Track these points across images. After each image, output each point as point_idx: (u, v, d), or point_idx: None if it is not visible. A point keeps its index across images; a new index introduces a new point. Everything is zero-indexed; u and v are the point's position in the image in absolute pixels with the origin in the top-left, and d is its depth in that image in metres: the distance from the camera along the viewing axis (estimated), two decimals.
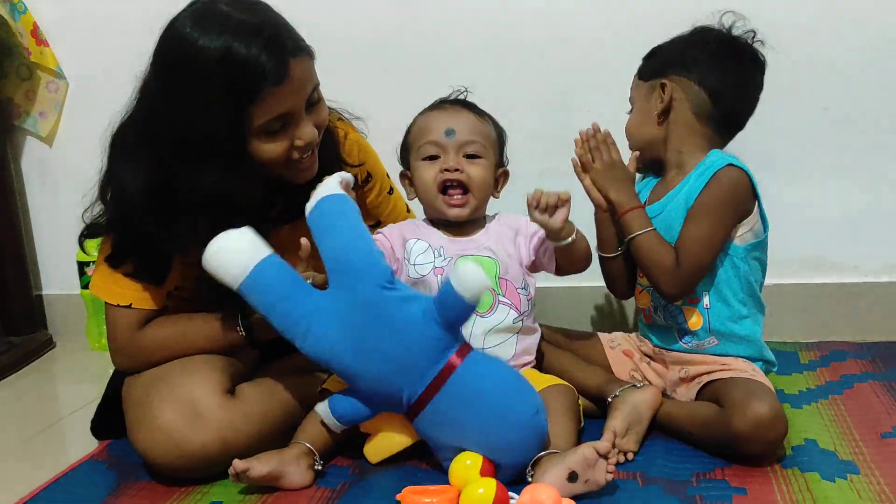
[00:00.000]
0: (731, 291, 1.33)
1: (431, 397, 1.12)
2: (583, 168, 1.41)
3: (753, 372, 1.30)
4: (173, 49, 1.14)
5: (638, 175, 1.43)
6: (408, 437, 1.22)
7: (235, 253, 1.15)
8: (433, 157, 1.31)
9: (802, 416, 1.35)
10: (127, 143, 1.22)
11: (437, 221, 1.36)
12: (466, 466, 1.11)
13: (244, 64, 1.10)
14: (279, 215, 1.31)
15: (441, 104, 1.36)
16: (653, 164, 1.44)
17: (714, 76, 1.34)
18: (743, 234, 1.33)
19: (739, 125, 1.40)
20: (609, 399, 1.31)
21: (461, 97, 1.39)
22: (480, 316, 1.27)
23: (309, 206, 1.18)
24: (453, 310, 1.10)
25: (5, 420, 1.62)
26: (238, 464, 1.17)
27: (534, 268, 1.35)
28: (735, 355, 1.34)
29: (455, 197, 1.31)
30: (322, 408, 1.22)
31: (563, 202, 1.21)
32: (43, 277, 2.09)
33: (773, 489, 1.13)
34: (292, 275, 1.17)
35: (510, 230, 1.34)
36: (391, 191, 1.50)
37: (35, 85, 1.94)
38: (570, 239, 1.25)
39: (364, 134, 1.44)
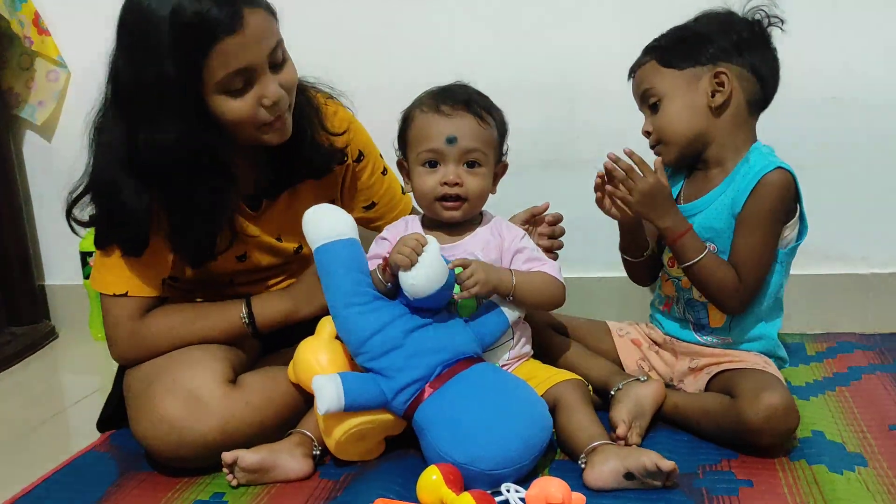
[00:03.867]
0: (760, 295, 1.30)
1: (456, 374, 1.18)
2: (616, 203, 1.28)
3: (766, 365, 1.28)
4: (129, 16, 1.15)
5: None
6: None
7: (342, 216, 1.26)
8: (433, 163, 1.29)
9: (810, 408, 1.34)
10: (103, 123, 1.23)
11: (429, 220, 1.35)
12: (433, 482, 1.07)
13: (195, 16, 1.10)
14: (272, 184, 1.32)
15: (441, 104, 1.29)
16: (687, 161, 1.34)
17: (761, 59, 1.28)
18: (786, 238, 1.29)
19: (766, 107, 1.34)
20: (612, 392, 1.30)
21: (462, 90, 1.33)
22: (468, 320, 1.28)
23: (427, 288, 1.18)
24: (491, 325, 1.27)
25: (8, 410, 1.62)
26: (226, 456, 1.17)
27: None
28: (748, 350, 1.33)
29: (450, 202, 1.29)
30: (328, 382, 1.17)
31: (471, 290, 1.21)
32: (46, 268, 2.09)
33: (780, 481, 1.12)
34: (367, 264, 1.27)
35: (499, 239, 1.32)
36: (385, 171, 1.49)
37: (35, 74, 1.93)
38: (509, 296, 1.26)
39: (351, 107, 1.42)
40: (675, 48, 1.30)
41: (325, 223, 1.25)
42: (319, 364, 1.24)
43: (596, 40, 1.71)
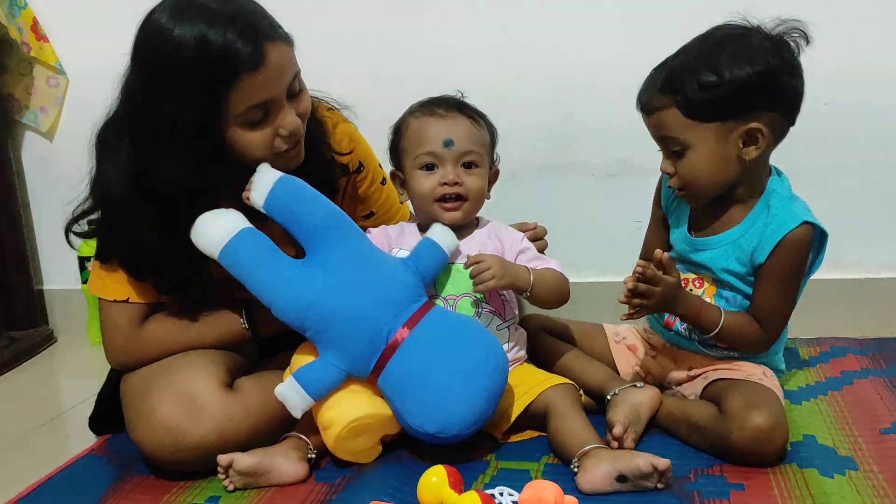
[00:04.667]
0: None
1: (405, 336, 1.19)
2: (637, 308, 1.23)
3: (763, 376, 1.28)
4: (150, 40, 1.14)
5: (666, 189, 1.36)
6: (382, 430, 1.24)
7: (222, 215, 1.21)
8: (430, 167, 1.30)
9: (802, 413, 1.35)
10: (110, 136, 1.23)
11: (425, 226, 1.36)
12: (433, 483, 1.08)
13: (220, 50, 1.10)
14: None
15: (435, 108, 1.32)
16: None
17: (792, 93, 1.21)
18: None
19: None
20: (608, 397, 1.30)
21: (452, 98, 1.35)
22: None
23: (262, 194, 1.19)
24: (430, 259, 1.26)
25: (6, 415, 1.62)
26: (221, 458, 1.18)
27: None
28: (750, 362, 1.32)
29: (451, 202, 1.31)
30: (286, 387, 1.19)
31: (487, 283, 1.22)
32: (44, 272, 2.10)
33: (772, 485, 1.13)
34: (271, 243, 1.22)
35: (497, 242, 1.33)
36: (384, 181, 1.49)
37: (35, 80, 1.94)
38: (526, 294, 1.27)
39: (353, 121, 1.43)
40: (701, 99, 1.18)
41: (212, 228, 1.19)
42: None
43: (593, 46, 1.71)
